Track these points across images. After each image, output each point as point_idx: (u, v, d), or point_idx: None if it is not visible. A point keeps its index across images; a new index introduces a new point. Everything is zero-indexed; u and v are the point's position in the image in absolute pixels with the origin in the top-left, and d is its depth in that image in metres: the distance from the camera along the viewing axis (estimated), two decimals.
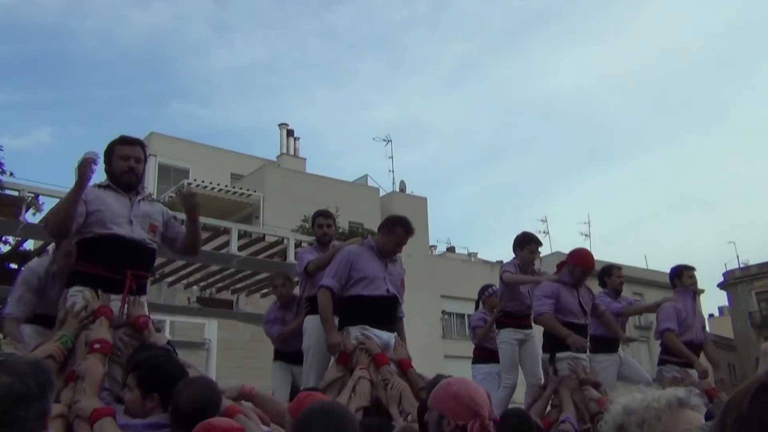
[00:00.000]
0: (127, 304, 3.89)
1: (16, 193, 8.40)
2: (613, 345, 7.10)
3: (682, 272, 7.08)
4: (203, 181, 25.96)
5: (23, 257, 9.68)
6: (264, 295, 11.81)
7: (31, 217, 8.68)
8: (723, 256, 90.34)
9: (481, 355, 7.43)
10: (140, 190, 4.17)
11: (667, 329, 6.70)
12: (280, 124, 32.28)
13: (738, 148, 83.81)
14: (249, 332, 15.58)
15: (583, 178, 79.87)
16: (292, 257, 10.18)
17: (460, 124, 74.00)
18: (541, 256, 7.39)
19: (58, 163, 65.75)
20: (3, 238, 9.26)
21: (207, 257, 10.19)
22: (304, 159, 32.26)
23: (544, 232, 33.57)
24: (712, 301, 75.62)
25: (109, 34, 65.72)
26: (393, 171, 32.16)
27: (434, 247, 32.37)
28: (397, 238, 5.20)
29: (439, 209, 67.17)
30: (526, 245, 6.54)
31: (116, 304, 3.87)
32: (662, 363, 6.88)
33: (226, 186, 27.06)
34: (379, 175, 59.41)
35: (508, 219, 75.78)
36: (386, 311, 5.11)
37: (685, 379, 6.53)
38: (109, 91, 65.10)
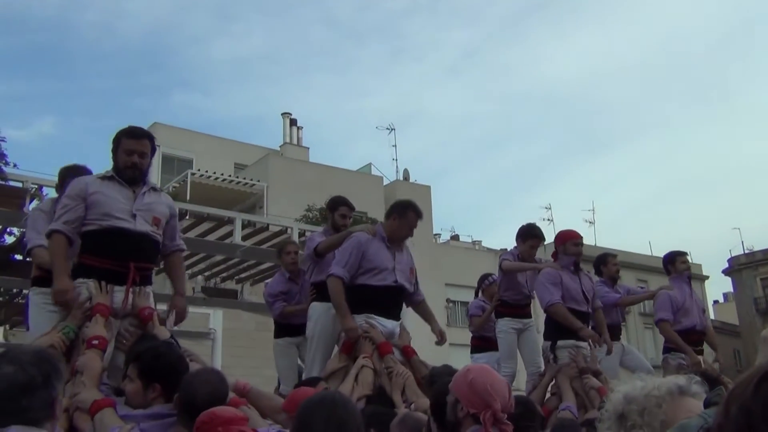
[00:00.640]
0: (133, 295, 3.90)
1: (20, 185, 8.42)
2: (615, 333, 7.10)
3: (675, 258, 7.09)
4: (207, 171, 25.98)
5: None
6: (266, 286, 11.83)
7: None
8: (728, 242, 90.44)
9: (479, 344, 7.43)
10: (145, 181, 4.15)
11: (661, 320, 6.74)
12: (283, 114, 32.25)
13: (743, 132, 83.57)
14: (254, 321, 15.59)
15: (587, 165, 79.81)
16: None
17: (463, 111, 73.89)
18: (546, 243, 7.38)
19: (61, 153, 65.91)
20: (7, 230, 9.26)
21: (211, 247, 10.23)
22: (308, 148, 32.25)
23: (548, 220, 33.54)
24: (717, 287, 75.56)
25: (109, 26, 65.71)
26: (396, 159, 32.18)
27: (438, 235, 32.41)
28: (409, 222, 5.19)
29: (442, 197, 67.22)
30: (528, 239, 6.54)
31: (120, 296, 3.88)
32: (667, 351, 6.89)
33: (230, 176, 27.09)
34: (382, 163, 59.34)
35: (512, 207, 75.76)
36: (391, 300, 5.12)
37: (700, 364, 6.54)
38: (111, 82, 65.14)
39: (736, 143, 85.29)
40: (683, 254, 7.16)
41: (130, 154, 4.01)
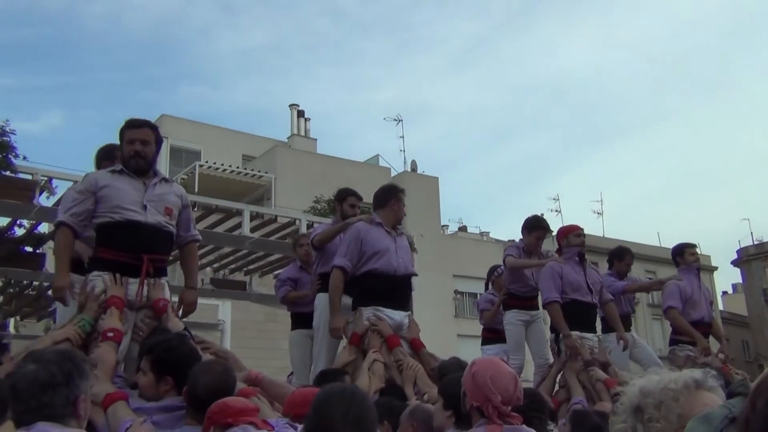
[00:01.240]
0: (147, 287, 3.94)
1: (30, 177, 8.43)
2: (624, 324, 7.09)
3: (684, 250, 7.10)
4: (215, 163, 26.00)
5: (38, 240, 9.75)
6: (276, 276, 11.85)
7: (45, 201, 8.70)
8: (737, 233, 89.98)
9: (489, 336, 7.46)
10: (155, 172, 4.16)
11: (670, 307, 6.74)
12: (290, 105, 32.21)
13: (753, 123, 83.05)
14: (263, 313, 15.66)
15: (595, 156, 79.55)
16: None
17: (471, 103, 73.71)
18: (554, 235, 7.39)
19: (69, 146, 66.05)
20: (18, 222, 9.29)
21: (220, 239, 10.24)
22: (315, 140, 32.22)
23: (556, 211, 33.50)
24: (725, 278, 75.39)
25: (117, 18, 65.74)
26: (404, 151, 32.19)
27: (446, 226, 32.38)
28: (402, 200, 5.31)
29: (450, 189, 67.18)
30: (534, 230, 6.55)
31: (135, 288, 3.91)
32: (674, 343, 6.89)
33: (238, 167, 27.10)
34: (390, 155, 59.37)
35: (520, 198, 75.70)
36: (399, 291, 5.13)
37: (699, 358, 6.53)
38: (118, 75, 65.28)
39: (746, 134, 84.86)
40: (692, 246, 7.15)
41: (132, 143, 4.04)
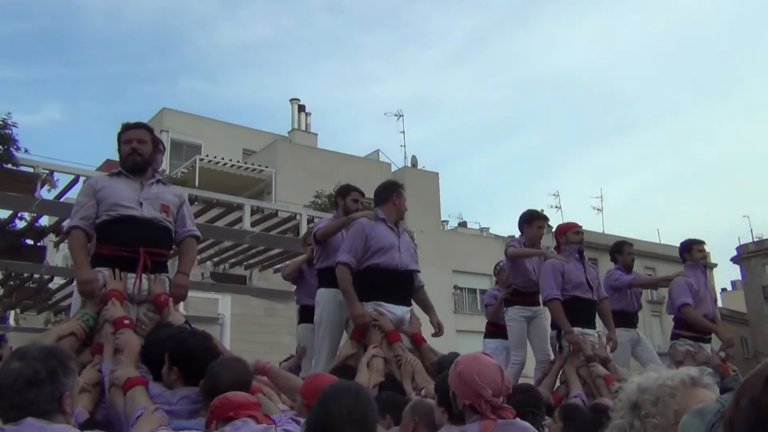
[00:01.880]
0: (149, 282, 4.02)
1: (31, 170, 8.43)
2: (630, 320, 7.10)
3: (692, 246, 7.08)
4: (215, 157, 25.98)
5: (39, 233, 9.77)
6: (277, 271, 11.86)
7: (46, 194, 8.70)
8: (737, 230, 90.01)
9: (491, 330, 7.51)
10: (152, 173, 4.32)
11: (685, 304, 6.69)
12: (291, 100, 32.16)
13: (754, 120, 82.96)
14: (262, 307, 15.70)
15: (596, 152, 79.50)
16: (304, 232, 10.21)
17: (471, 98, 73.65)
18: (553, 232, 7.39)
19: (69, 139, 66.02)
20: (19, 214, 9.30)
21: (220, 233, 10.25)
22: (316, 134, 32.18)
23: (557, 207, 33.49)
24: (725, 275, 75.34)
25: (117, 11, 65.63)
26: (405, 146, 32.12)
27: (446, 222, 32.38)
28: (404, 196, 5.35)
29: (450, 184, 67.24)
30: (534, 221, 6.56)
31: (133, 282, 3.99)
32: (675, 337, 6.89)
33: (238, 162, 27.08)
34: (390, 150, 59.26)
35: (520, 194, 75.72)
36: (401, 286, 5.14)
37: (698, 353, 6.55)
38: (119, 68, 65.21)
39: (746, 131, 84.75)
40: (701, 243, 7.12)
41: (128, 142, 4.23)
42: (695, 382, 1.45)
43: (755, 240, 44.18)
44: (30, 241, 9.83)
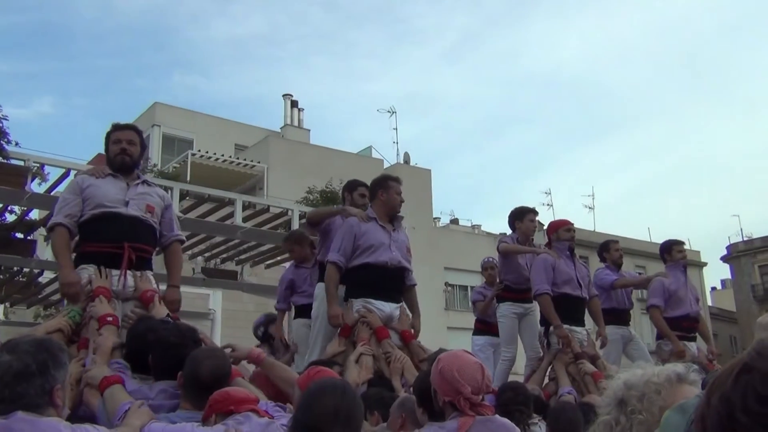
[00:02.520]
0: (135, 279, 4.04)
1: (22, 163, 8.39)
2: (622, 318, 7.14)
3: (672, 247, 7.17)
4: (207, 152, 25.91)
5: (29, 227, 9.72)
6: (268, 266, 11.85)
7: (37, 187, 8.65)
8: (727, 229, 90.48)
9: (480, 327, 7.50)
10: (138, 174, 4.37)
11: (653, 305, 6.82)
12: (284, 95, 32.07)
13: (745, 120, 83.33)
14: (254, 303, 15.65)
15: (588, 151, 79.71)
16: (296, 228, 10.19)
17: (464, 96, 73.68)
18: (545, 229, 7.42)
19: (60, 133, 65.68)
20: (9, 208, 9.25)
21: (211, 228, 10.23)
22: (308, 130, 32.11)
23: (548, 205, 33.59)
24: (715, 273, 75.80)
25: (109, 4, 65.31)
26: (397, 142, 32.12)
27: (438, 219, 32.40)
28: (395, 190, 5.30)
29: (443, 181, 67.15)
30: (526, 215, 6.59)
31: (118, 278, 4.01)
32: (660, 337, 6.94)
33: (230, 157, 27.01)
34: (383, 146, 59.26)
35: (512, 191, 75.80)
36: (390, 282, 5.14)
37: (684, 353, 6.59)
38: (110, 62, 64.85)
39: (737, 130, 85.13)
40: (680, 243, 7.23)
41: (118, 142, 4.27)
42: (681, 378, 1.46)
43: (745, 239, 44.43)
44: (20, 235, 9.78)
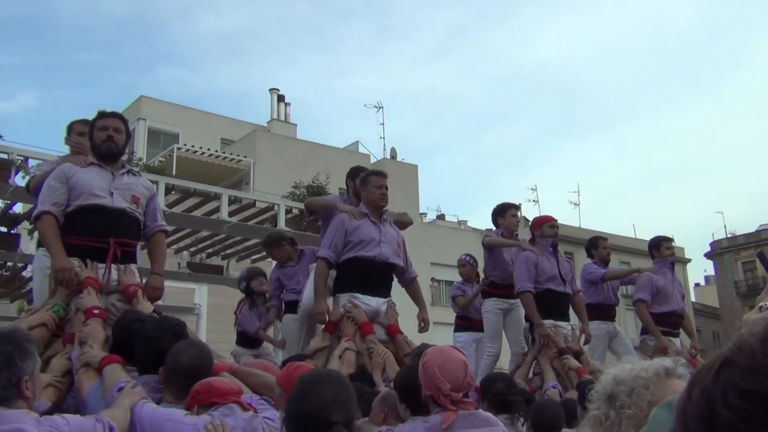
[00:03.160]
0: (118, 272, 4.00)
1: (5, 156, 8.32)
2: (608, 314, 7.17)
3: (660, 243, 7.21)
4: (193, 146, 25.77)
5: (12, 220, 9.64)
6: (254, 261, 11.82)
7: (21, 181, 8.57)
8: (711, 226, 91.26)
9: (461, 324, 7.50)
10: (123, 163, 4.31)
11: (640, 300, 6.87)
12: (270, 89, 31.95)
13: (728, 118, 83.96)
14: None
15: (573, 147, 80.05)
16: (282, 223, 10.18)
17: (451, 92, 73.75)
18: (529, 225, 7.43)
19: (44, 126, 65.13)
20: None
21: (197, 223, 10.19)
22: (295, 125, 32.02)
23: (534, 201, 33.68)
24: (698, 270, 76.21)
25: None
26: (384, 138, 32.06)
27: (424, 214, 32.42)
28: (375, 183, 5.26)
29: (429, 177, 67.31)
30: (507, 210, 6.63)
31: (102, 272, 3.97)
32: (645, 332, 6.98)
33: (216, 151, 26.89)
34: (369, 141, 59.22)
35: (498, 187, 76.06)
36: (377, 277, 5.14)
37: (668, 349, 6.63)
38: (95, 55, 64.46)
39: (721, 128, 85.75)
40: (669, 240, 7.26)
41: (105, 129, 4.19)
42: (669, 373, 1.46)
43: (728, 236, 44.82)
44: (3, 229, 9.71)
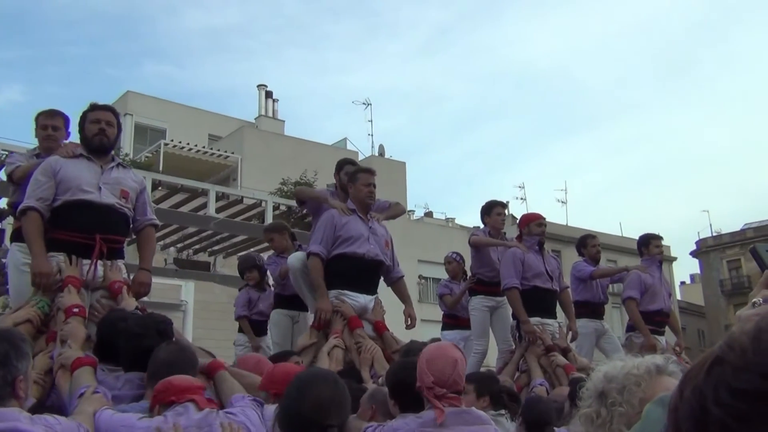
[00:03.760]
0: (104, 268, 3.95)
1: None
2: (596, 312, 7.19)
3: (650, 241, 7.22)
4: (180, 142, 25.67)
5: None
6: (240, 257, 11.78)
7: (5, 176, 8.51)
8: (696, 225, 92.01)
9: (448, 322, 7.50)
10: (113, 156, 4.25)
11: (630, 297, 6.88)
12: (258, 86, 31.87)
13: (713, 116, 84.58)
14: (226, 294, 15.53)
15: (561, 145, 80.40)
16: (269, 219, 10.15)
17: (439, 89, 73.87)
18: (517, 223, 7.45)
19: (30, 121, 64.47)
20: None
21: (184, 219, 10.15)
22: (283, 121, 31.96)
23: (522, 199, 33.87)
24: (684, 268, 76.96)
25: None
26: (372, 135, 32.04)
27: (412, 211, 32.45)
28: (362, 181, 5.25)
29: (417, 174, 67.47)
30: (493, 209, 6.64)
31: (88, 269, 3.92)
32: (631, 329, 7.01)
33: (204, 147, 26.78)
34: (358, 139, 59.31)
35: (486, 185, 76.34)
36: (366, 274, 5.14)
37: (655, 346, 6.66)
38: (81, 50, 64.00)
39: (708, 127, 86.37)
40: (658, 238, 7.26)
41: (97, 122, 4.12)
42: (660, 370, 1.46)
43: (714, 234, 45.15)
44: None
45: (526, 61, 75.76)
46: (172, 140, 26.00)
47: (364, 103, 31.53)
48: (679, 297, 42.39)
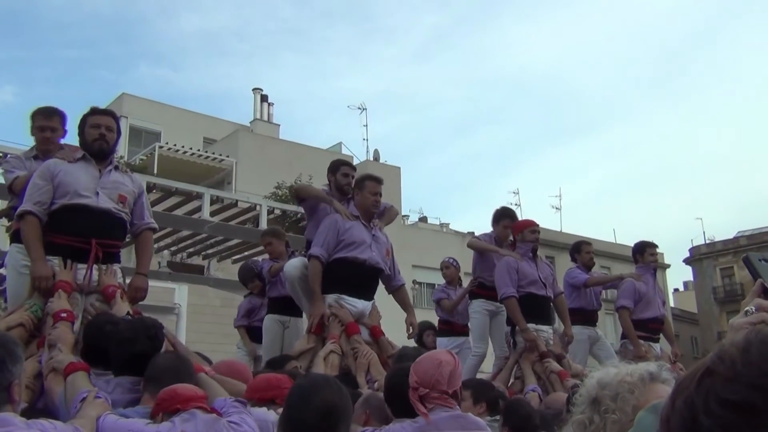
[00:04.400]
0: (99, 273, 3.95)
1: None
2: (590, 319, 7.19)
3: (645, 249, 7.22)
4: (175, 145, 25.60)
5: None
6: (236, 261, 11.77)
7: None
8: (690, 232, 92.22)
9: (442, 328, 7.47)
10: (112, 160, 4.23)
11: (623, 307, 6.87)
12: (254, 89, 31.82)
13: (707, 124, 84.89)
14: (219, 298, 15.51)
15: (555, 151, 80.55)
16: (264, 223, 10.15)
17: (434, 94, 74.01)
18: (512, 229, 7.45)
19: (23, 123, 64.27)
20: None
21: (178, 222, 10.13)
22: (278, 125, 31.93)
23: (516, 204, 33.78)
24: (677, 275, 76.99)
25: None
26: (367, 140, 32.02)
27: (407, 216, 32.42)
28: (369, 189, 5.27)
29: (412, 179, 67.49)
30: (501, 220, 6.65)
31: (84, 273, 3.92)
32: (626, 336, 7.01)
33: (199, 150, 26.73)
34: (353, 143, 59.17)
35: (481, 190, 76.35)
36: (366, 280, 5.15)
37: (648, 353, 6.67)
38: (75, 52, 63.89)
39: (701, 135, 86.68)
40: (653, 246, 7.26)
41: (97, 127, 4.12)
42: (654, 377, 1.47)
43: (707, 242, 45.26)
44: None
45: (520, 67, 76.13)
46: (167, 143, 25.92)
47: (359, 108, 31.55)
48: (672, 304, 42.46)
